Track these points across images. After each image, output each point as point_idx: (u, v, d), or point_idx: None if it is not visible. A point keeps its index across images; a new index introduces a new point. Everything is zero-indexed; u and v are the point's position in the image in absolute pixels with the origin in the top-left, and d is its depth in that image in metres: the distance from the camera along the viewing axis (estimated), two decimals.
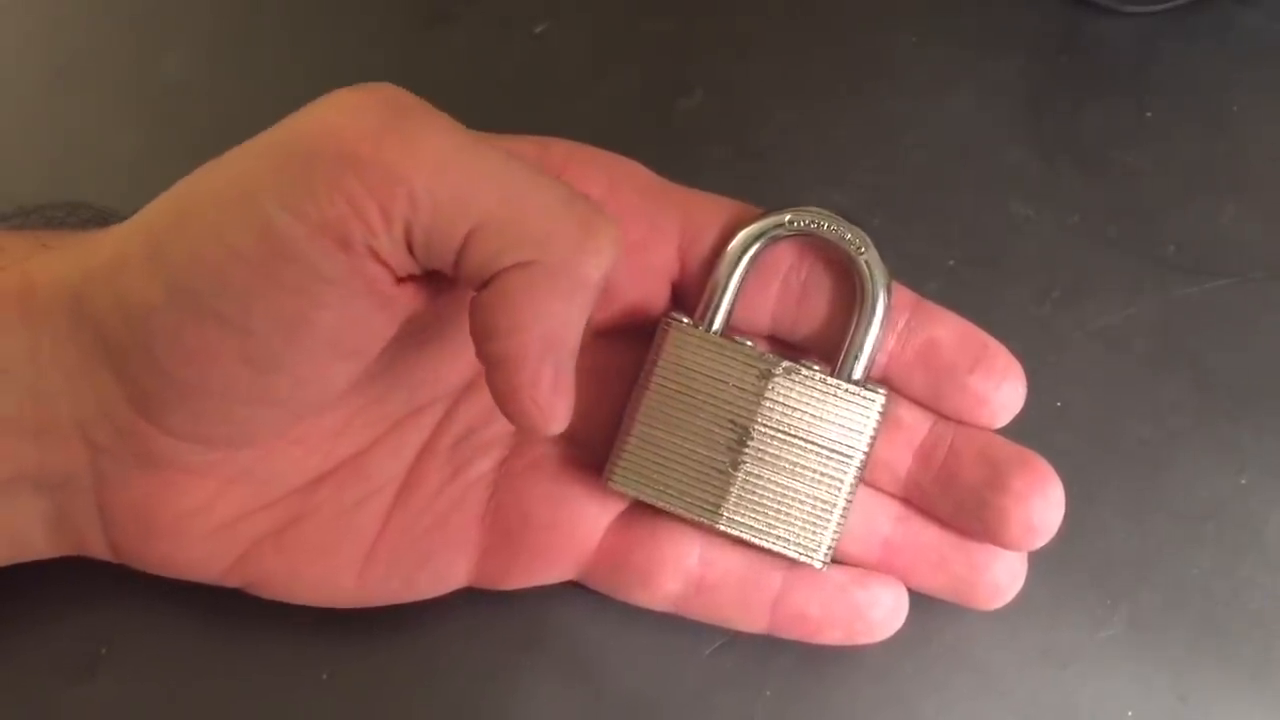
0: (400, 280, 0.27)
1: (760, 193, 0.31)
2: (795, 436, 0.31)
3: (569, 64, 0.40)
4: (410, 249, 0.26)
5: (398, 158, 0.25)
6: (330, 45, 0.41)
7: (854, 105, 0.39)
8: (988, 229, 0.37)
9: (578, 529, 0.31)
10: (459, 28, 0.41)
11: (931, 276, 0.36)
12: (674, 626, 0.32)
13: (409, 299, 0.28)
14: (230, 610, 0.32)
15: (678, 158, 0.32)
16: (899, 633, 0.32)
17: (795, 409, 0.30)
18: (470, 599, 0.32)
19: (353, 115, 0.26)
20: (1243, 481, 0.35)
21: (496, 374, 0.27)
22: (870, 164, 0.38)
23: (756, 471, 0.31)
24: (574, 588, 0.32)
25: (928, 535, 0.31)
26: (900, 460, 0.31)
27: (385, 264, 0.26)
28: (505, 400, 0.27)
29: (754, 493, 0.31)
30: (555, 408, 0.27)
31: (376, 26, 0.41)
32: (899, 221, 0.37)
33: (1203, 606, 0.33)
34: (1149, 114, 0.39)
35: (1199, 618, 0.33)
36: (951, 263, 0.37)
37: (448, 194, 0.26)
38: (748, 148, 0.39)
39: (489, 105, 0.39)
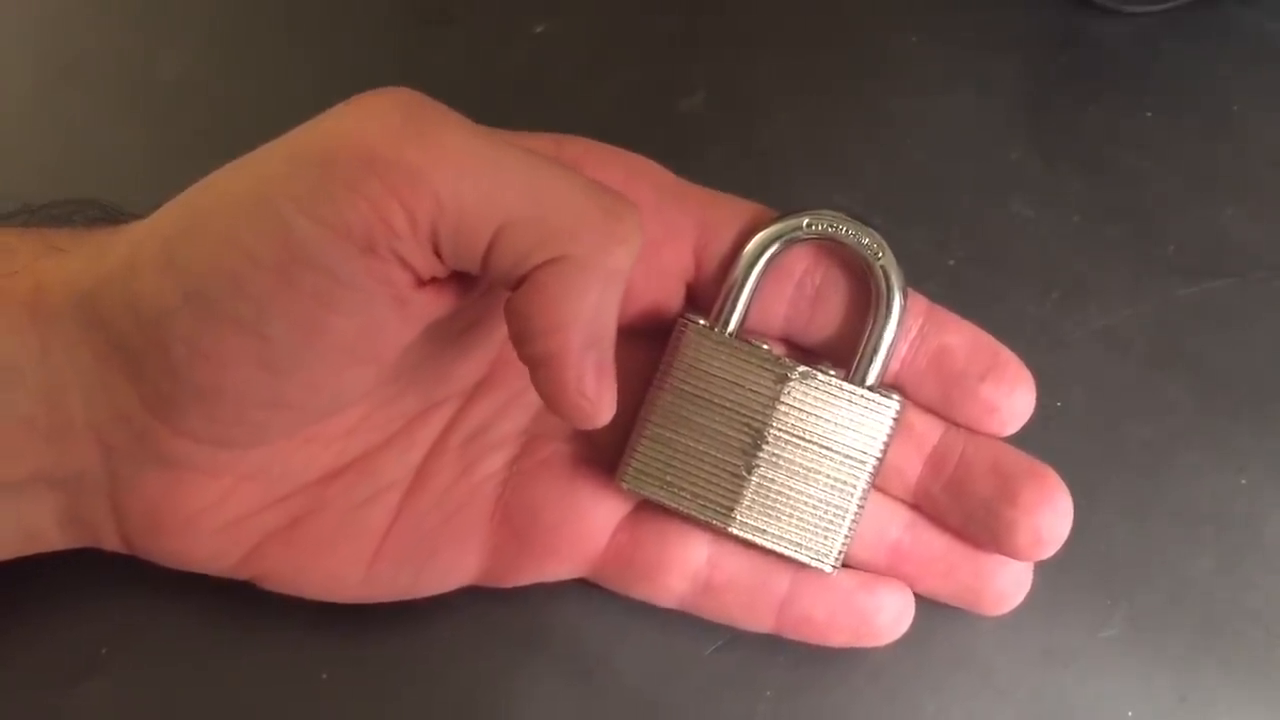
0: (421, 284, 0.27)
1: (761, 192, 0.31)
2: (809, 441, 0.30)
3: (569, 64, 0.40)
4: (436, 251, 0.26)
5: (421, 159, 0.25)
6: (330, 45, 0.41)
7: (854, 105, 0.39)
8: (988, 229, 0.37)
9: (587, 527, 0.31)
10: (459, 28, 0.41)
11: (931, 276, 0.36)
12: (675, 626, 0.32)
13: (428, 303, 0.28)
14: (230, 610, 0.32)
15: (679, 157, 0.32)
16: None
17: (810, 414, 0.30)
18: (471, 597, 0.32)
19: (371, 119, 0.26)
20: (1243, 481, 0.35)
21: (541, 374, 0.27)
22: (870, 164, 0.38)
23: (770, 475, 0.30)
24: (575, 586, 0.32)
25: (936, 543, 0.32)
26: (911, 467, 0.31)
27: (409, 267, 0.26)
28: (554, 399, 0.27)
29: (767, 497, 0.30)
30: (603, 399, 0.27)
31: (377, 26, 0.41)
32: (899, 221, 0.37)
33: (1203, 606, 0.33)
34: (1149, 114, 0.39)
35: (1199, 618, 0.33)
36: (951, 263, 0.37)
37: (473, 193, 0.26)
38: (749, 147, 0.39)
39: (489, 105, 0.39)
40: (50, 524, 0.29)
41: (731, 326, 0.31)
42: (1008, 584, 0.31)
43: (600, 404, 0.27)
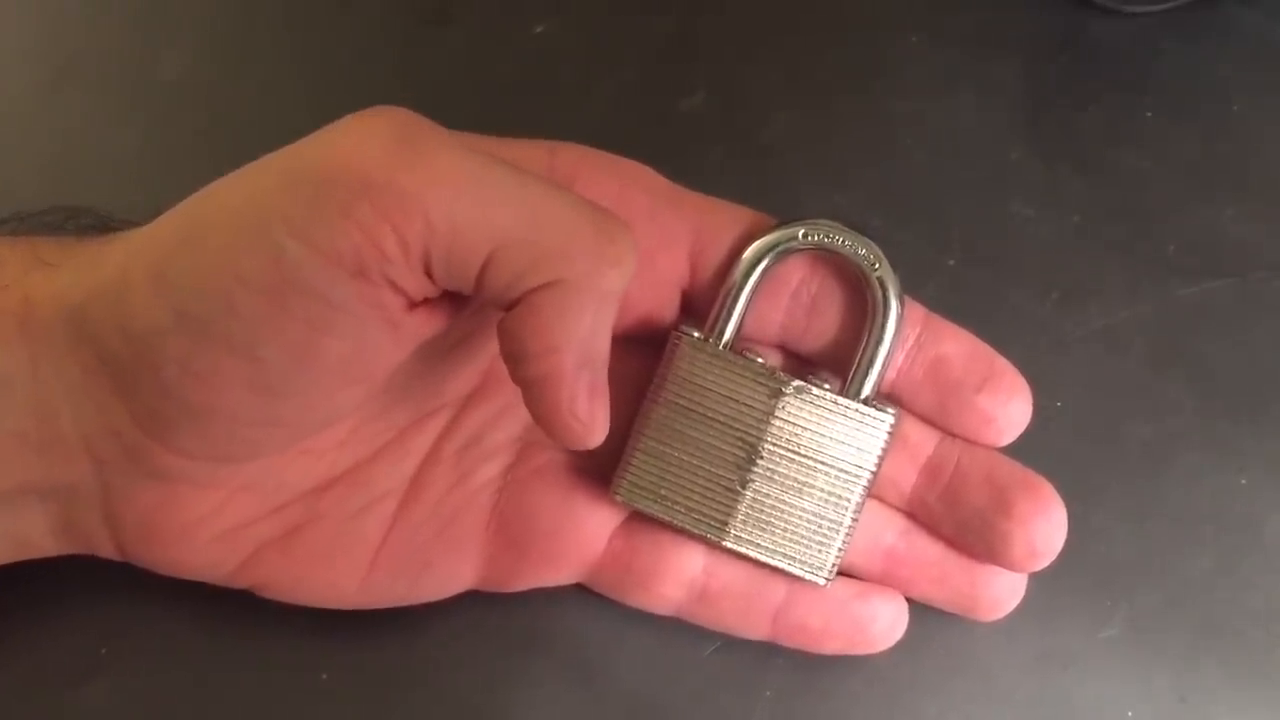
0: (413, 306, 0.27)
1: (761, 193, 0.31)
2: (804, 455, 0.30)
3: (569, 64, 0.40)
4: (428, 273, 0.26)
5: (413, 182, 0.25)
6: (330, 45, 0.41)
7: (854, 105, 0.39)
8: (988, 229, 0.37)
9: (582, 535, 0.31)
10: (459, 28, 0.41)
11: (931, 276, 0.36)
12: (674, 627, 0.32)
13: (420, 325, 0.27)
14: (230, 611, 0.32)
15: (678, 158, 0.32)
16: None
17: (805, 428, 0.30)
18: (470, 600, 0.32)
19: (364, 141, 0.25)
20: (1243, 481, 0.35)
21: (534, 395, 0.27)
22: (870, 164, 0.38)
23: (764, 490, 0.30)
24: (574, 589, 0.32)
25: (930, 551, 0.32)
26: (905, 476, 0.31)
27: (400, 291, 0.26)
28: (546, 420, 0.27)
29: (761, 511, 0.30)
30: (595, 420, 0.27)
31: (376, 27, 0.41)
32: (899, 222, 0.37)
33: (1203, 607, 0.33)
34: (1149, 114, 0.39)
35: (1199, 618, 0.33)
36: (951, 263, 0.37)
37: (466, 216, 0.25)
38: (749, 148, 0.39)
39: (489, 105, 0.39)
40: (43, 533, 0.29)
41: (726, 336, 0.30)
42: (1002, 590, 0.31)
43: (593, 426, 0.27)
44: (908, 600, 0.32)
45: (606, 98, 0.39)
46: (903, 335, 0.31)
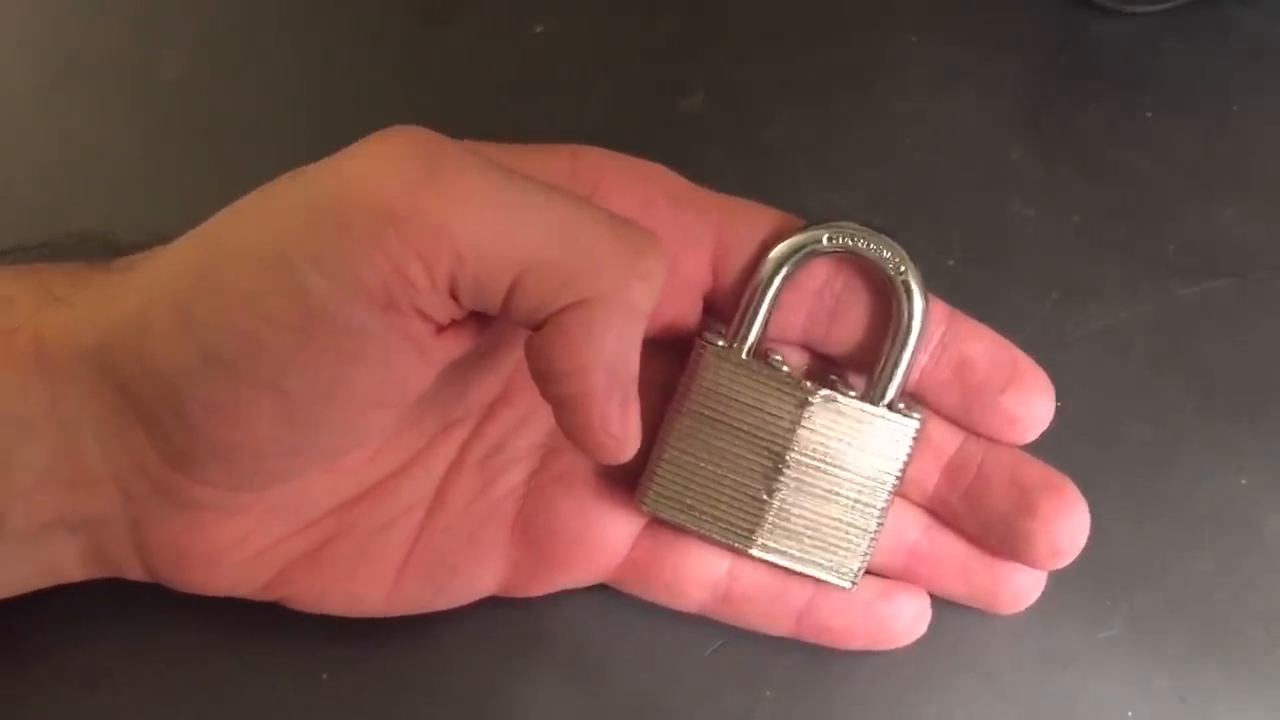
0: (440, 331, 0.27)
1: (761, 193, 0.31)
2: (830, 463, 0.30)
3: (569, 64, 0.40)
4: (455, 297, 0.26)
5: (438, 211, 0.25)
6: (330, 46, 0.41)
7: (854, 105, 0.39)
8: (988, 229, 0.37)
9: (606, 540, 0.31)
10: (459, 28, 0.41)
11: (931, 276, 0.36)
12: (674, 627, 0.32)
13: (448, 347, 0.27)
14: (230, 613, 0.32)
15: (678, 158, 0.32)
16: None
17: (831, 436, 0.30)
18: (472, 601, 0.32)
19: (385, 167, 0.25)
20: (1243, 481, 0.35)
21: (565, 413, 0.26)
22: (870, 164, 0.38)
23: (791, 498, 0.30)
24: (577, 588, 0.32)
25: (953, 548, 0.32)
26: (928, 476, 0.31)
27: (428, 318, 0.26)
28: (579, 437, 0.27)
29: (787, 519, 0.30)
30: (628, 435, 0.27)
31: (376, 26, 0.41)
32: (899, 222, 0.37)
33: (1203, 607, 0.33)
34: (1149, 114, 0.39)
35: (1199, 618, 0.33)
36: (951, 263, 0.37)
37: (492, 240, 0.25)
38: (749, 148, 0.39)
39: (489, 106, 0.39)
40: (73, 562, 0.29)
41: (750, 340, 0.30)
42: (1024, 585, 0.31)
43: (625, 441, 0.27)
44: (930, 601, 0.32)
45: (606, 98, 0.39)
46: (927, 336, 0.30)
